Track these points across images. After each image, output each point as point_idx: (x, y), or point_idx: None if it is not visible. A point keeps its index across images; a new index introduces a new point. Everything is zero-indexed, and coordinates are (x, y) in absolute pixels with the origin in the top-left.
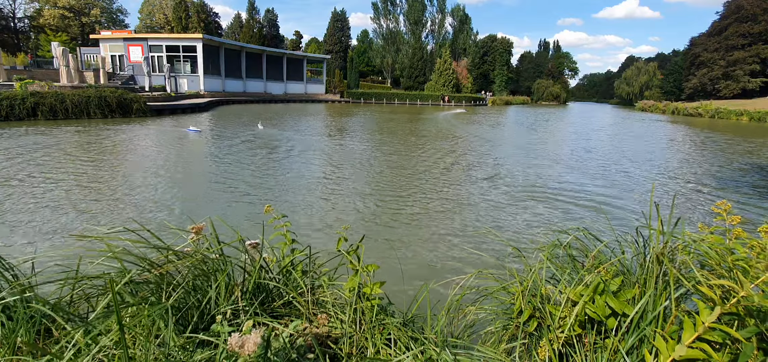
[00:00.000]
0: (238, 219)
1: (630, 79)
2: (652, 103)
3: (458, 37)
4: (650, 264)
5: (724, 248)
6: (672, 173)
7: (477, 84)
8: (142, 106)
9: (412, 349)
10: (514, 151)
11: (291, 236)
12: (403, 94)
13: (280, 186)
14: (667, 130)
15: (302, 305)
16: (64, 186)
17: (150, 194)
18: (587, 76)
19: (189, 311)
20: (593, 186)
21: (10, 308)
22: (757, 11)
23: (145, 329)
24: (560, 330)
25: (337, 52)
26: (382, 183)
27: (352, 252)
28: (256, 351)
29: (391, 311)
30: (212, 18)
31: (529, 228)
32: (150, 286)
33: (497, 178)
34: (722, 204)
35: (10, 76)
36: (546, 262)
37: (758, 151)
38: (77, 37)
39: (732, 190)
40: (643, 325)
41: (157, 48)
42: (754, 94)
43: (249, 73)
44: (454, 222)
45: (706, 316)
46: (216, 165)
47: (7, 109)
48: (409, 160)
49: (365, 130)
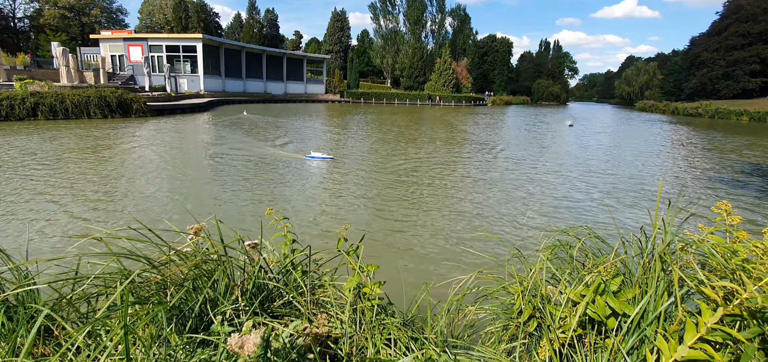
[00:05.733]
0: (238, 214)
1: (630, 78)
2: (652, 102)
3: (458, 37)
4: (652, 264)
5: (727, 249)
6: (676, 171)
7: (477, 84)
8: (142, 106)
9: (412, 349)
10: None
11: (291, 236)
12: (403, 94)
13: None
14: (668, 130)
15: (302, 305)
16: (66, 186)
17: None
18: (587, 76)
19: (189, 311)
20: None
21: (10, 308)
22: (757, 11)
23: (147, 329)
24: (560, 330)
25: (337, 52)
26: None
27: (352, 252)
28: (255, 352)
29: (391, 311)
30: (212, 18)
31: (528, 230)
32: (150, 286)
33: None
34: (723, 205)
35: (10, 76)
36: (546, 262)
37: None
38: (77, 37)
39: (733, 188)
40: (643, 325)
41: (157, 48)
42: (754, 94)
43: (249, 73)
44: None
45: (709, 317)
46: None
47: (7, 109)
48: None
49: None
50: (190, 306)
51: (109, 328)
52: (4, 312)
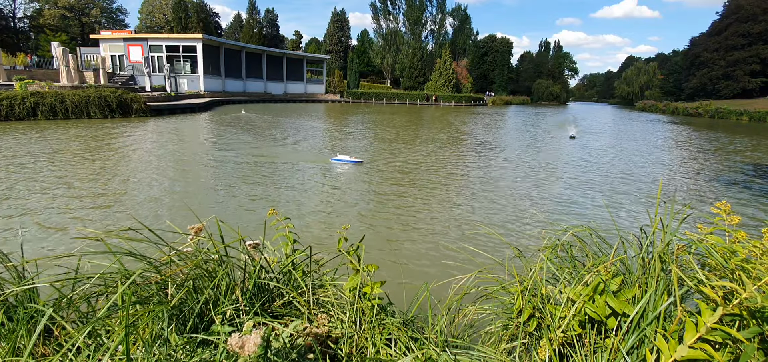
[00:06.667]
0: (238, 214)
1: (630, 78)
2: (652, 102)
3: (458, 37)
4: (652, 263)
5: (726, 249)
6: (676, 171)
7: (477, 84)
8: (142, 106)
9: (412, 349)
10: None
11: (292, 236)
12: (403, 94)
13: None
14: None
15: (302, 305)
16: (66, 186)
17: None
18: (587, 76)
19: (189, 311)
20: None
21: (10, 308)
22: (757, 11)
23: (147, 329)
24: (560, 330)
25: (337, 52)
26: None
27: (352, 252)
28: (256, 351)
29: (391, 311)
30: (212, 18)
31: (529, 226)
32: (151, 286)
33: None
34: (722, 205)
35: (10, 76)
36: (546, 262)
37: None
38: (77, 37)
39: (733, 188)
40: (643, 325)
41: (157, 48)
42: (754, 94)
43: (249, 73)
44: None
45: (708, 317)
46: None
47: (7, 109)
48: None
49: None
50: (191, 306)
51: (110, 328)
52: (4, 312)
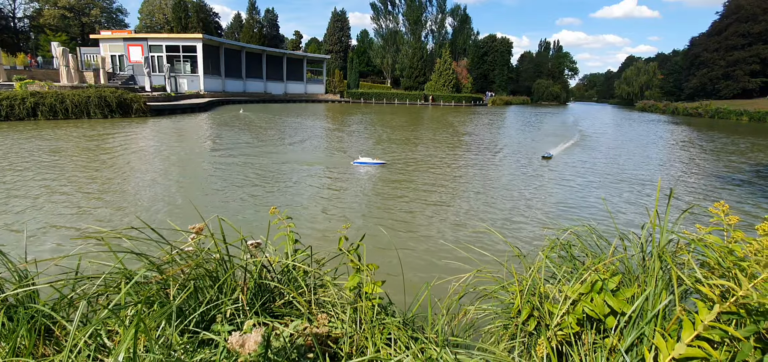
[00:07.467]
0: (238, 214)
1: (630, 78)
2: (652, 102)
3: (458, 37)
4: (651, 262)
5: (724, 248)
6: (675, 170)
7: (477, 84)
8: (142, 106)
9: (412, 349)
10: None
11: (294, 236)
12: (403, 94)
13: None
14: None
15: (303, 305)
16: (66, 186)
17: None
18: (587, 76)
19: (191, 310)
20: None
21: (10, 308)
22: (757, 11)
23: (149, 329)
24: (559, 328)
25: (337, 52)
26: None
27: (353, 252)
28: (256, 351)
29: (391, 310)
30: (212, 18)
31: (529, 229)
32: (151, 286)
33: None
34: (720, 205)
35: (10, 76)
36: (545, 261)
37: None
38: (77, 37)
39: (733, 188)
40: (641, 324)
41: (157, 48)
42: (754, 94)
43: (249, 73)
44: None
45: (706, 315)
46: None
47: (7, 109)
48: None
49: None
50: (192, 306)
51: (111, 328)
52: (5, 312)
